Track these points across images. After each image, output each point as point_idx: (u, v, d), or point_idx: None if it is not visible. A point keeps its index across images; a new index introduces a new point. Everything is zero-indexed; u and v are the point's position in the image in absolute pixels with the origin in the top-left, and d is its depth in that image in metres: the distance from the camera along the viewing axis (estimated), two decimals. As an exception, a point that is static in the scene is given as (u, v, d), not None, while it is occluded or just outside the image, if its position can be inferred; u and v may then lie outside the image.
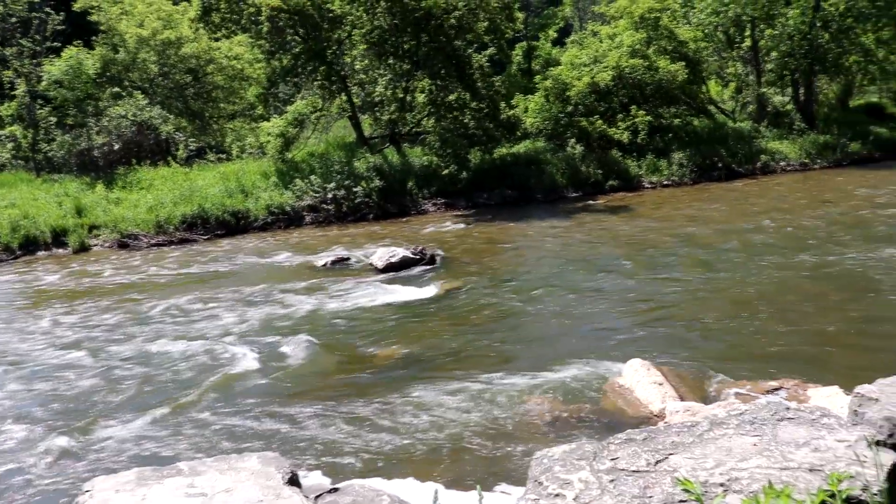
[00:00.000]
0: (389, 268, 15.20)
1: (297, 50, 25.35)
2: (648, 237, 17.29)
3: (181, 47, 31.89)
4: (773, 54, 32.19)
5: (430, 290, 13.54)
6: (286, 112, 26.42)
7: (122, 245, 20.24)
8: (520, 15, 29.24)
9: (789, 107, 33.02)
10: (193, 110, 32.98)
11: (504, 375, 8.99)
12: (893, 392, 3.94)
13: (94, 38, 30.94)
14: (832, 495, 2.53)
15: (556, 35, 45.15)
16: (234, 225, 21.68)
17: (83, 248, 20.12)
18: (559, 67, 30.31)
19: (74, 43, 28.73)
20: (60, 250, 20.10)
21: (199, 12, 26.35)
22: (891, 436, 3.67)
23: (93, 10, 31.02)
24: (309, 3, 24.45)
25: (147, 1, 32.80)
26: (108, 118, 27.31)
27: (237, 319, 12.33)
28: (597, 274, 14.31)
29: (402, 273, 14.97)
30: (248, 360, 10.30)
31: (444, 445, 7.29)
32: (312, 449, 7.41)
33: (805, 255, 14.45)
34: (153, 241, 20.39)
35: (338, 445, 7.45)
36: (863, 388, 4.09)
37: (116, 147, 26.83)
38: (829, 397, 7.39)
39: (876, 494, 2.95)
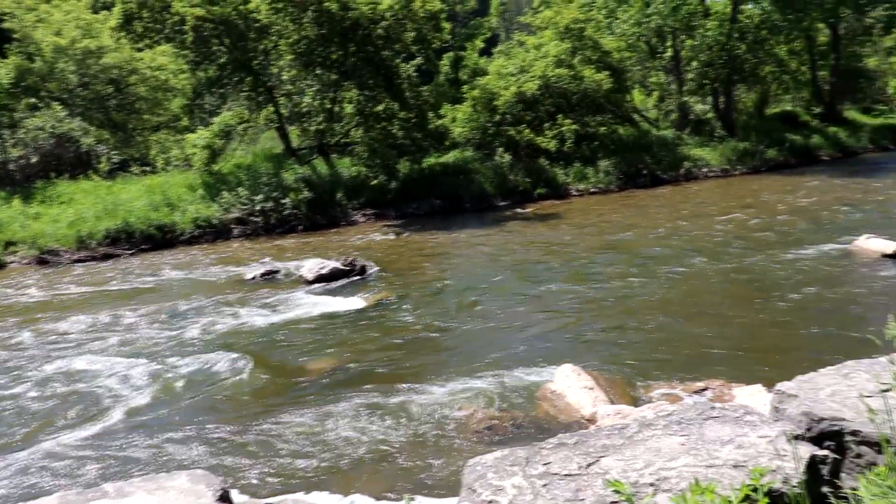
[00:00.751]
0: (320, 279, 15.07)
1: (222, 60, 24.96)
2: (576, 244, 17.56)
3: (102, 57, 31.04)
4: (694, 64, 33.15)
5: (361, 302, 13.48)
6: (212, 123, 25.97)
7: (42, 261, 19.56)
8: (447, 25, 29.37)
9: (710, 115, 34.03)
10: (116, 122, 32.11)
11: (436, 385, 9.00)
12: (811, 388, 4.09)
13: (6, 45, 29.88)
14: (755, 489, 2.61)
15: (483, 45, 45.46)
16: (161, 239, 21.18)
17: (-1, 265, 19.41)
18: (486, 77, 30.59)
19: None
20: (-26, 268, 19.34)
21: (119, 21, 25.67)
22: (809, 430, 3.80)
23: (5, 18, 29.99)
24: (234, 13, 24.13)
25: (64, 9, 31.85)
26: (24, 130, 26.38)
27: (164, 335, 12.05)
28: (526, 282, 14.46)
29: (333, 284, 14.86)
30: (175, 376, 10.08)
31: (377, 457, 7.26)
32: (243, 465, 7.29)
33: (728, 258, 14.90)
34: (75, 257, 19.76)
35: (269, 461, 7.34)
36: (783, 386, 4.23)
37: (34, 160, 25.93)
38: (753, 395, 7.61)
39: (795, 486, 3.06)
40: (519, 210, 23.81)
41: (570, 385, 8.37)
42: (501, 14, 52.57)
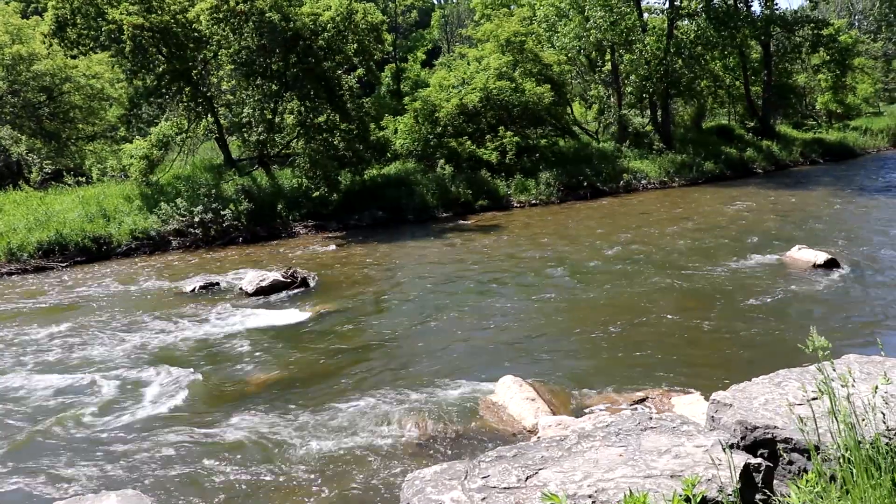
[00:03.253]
0: (260, 292, 14.88)
1: (160, 70, 24.55)
2: (517, 256, 17.67)
3: (33, 64, 30.22)
4: (632, 78, 33.78)
5: (302, 314, 13.34)
6: (150, 133, 25.49)
7: (-31, 275, 18.91)
8: (388, 37, 29.41)
9: (648, 128, 34.69)
10: (48, 131, 31.27)
11: (376, 398, 8.94)
12: (745, 398, 4.16)
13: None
14: (688, 499, 2.64)
15: (424, 57, 45.72)
16: (96, 251, 20.66)
17: (-77, 279, 18.67)
18: (428, 89, 30.72)
19: None
20: None
21: (52, 27, 25.05)
22: (743, 438, 3.87)
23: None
24: (173, 22, 23.77)
25: (-8, 13, 30.99)
26: (-51, 138, 25.56)
27: (98, 350, 11.73)
28: (468, 293, 14.50)
29: (273, 297, 14.68)
30: (108, 392, 9.81)
31: (317, 472, 7.17)
32: (178, 485, 7.12)
33: (666, 268, 15.16)
34: (4, 270, 19.13)
35: (206, 479, 7.18)
36: (718, 395, 4.30)
37: (-39, 170, 25.16)
38: (691, 404, 7.74)
39: (730, 495, 3.10)
40: (461, 222, 23.89)
41: (512, 396, 8.40)
42: (443, 26, 52.94)
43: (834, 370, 3.57)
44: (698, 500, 2.60)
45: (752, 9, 35.73)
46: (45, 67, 30.38)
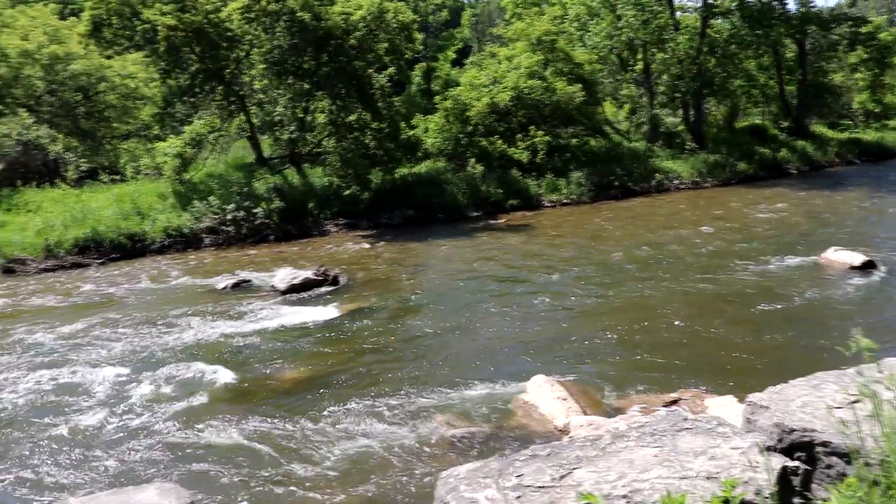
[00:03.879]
0: (291, 290, 14.97)
1: (193, 69, 24.80)
2: (548, 255, 17.61)
3: (70, 63, 30.67)
4: (665, 77, 33.49)
5: (333, 312, 13.41)
6: (183, 132, 25.77)
7: (8, 270, 19.22)
8: (419, 36, 29.44)
9: (681, 127, 34.35)
10: (84, 130, 31.69)
11: (409, 396, 8.97)
12: (782, 400, 4.12)
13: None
14: (727, 501, 2.62)
15: (455, 56, 45.73)
16: (130, 248, 20.93)
17: (-37, 274, 19.03)
18: (458, 88, 30.68)
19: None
20: (-62, 277, 18.95)
21: (88, 28, 25.44)
22: (780, 441, 3.83)
23: (-31, 23, 29.61)
24: (206, 22, 23.99)
25: (30, 14, 31.43)
26: (-11, 137, 26.00)
27: (133, 346, 11.89)
28: (499, 293, 14.48)
29: (305, 295, 14.77)
30: (144, 388, 9.94)
31: (348, 469, 7.21)
32: (213, 478, 7.20)
33: (698, 269, 15.03)
34: (42, 266, 19.45)
35: (239, 474, 7.26)
36: (754, 397, 4.25)
37: (0, 167, 25.57)
38: (725, 406, 7.66)
39: (767, 497, 3.07)
40: (491, 221, 23.86)
41: (544, 396, 8.38)
42: (474, 25, 52.92)
43: (880, 372, 3.52)
44: (737, 502, 2.58)
45: (788, 6, 35.18)
46: (82, 67, 30.83)
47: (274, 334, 12.24)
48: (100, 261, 20.08)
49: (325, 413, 8.60)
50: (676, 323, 11.58)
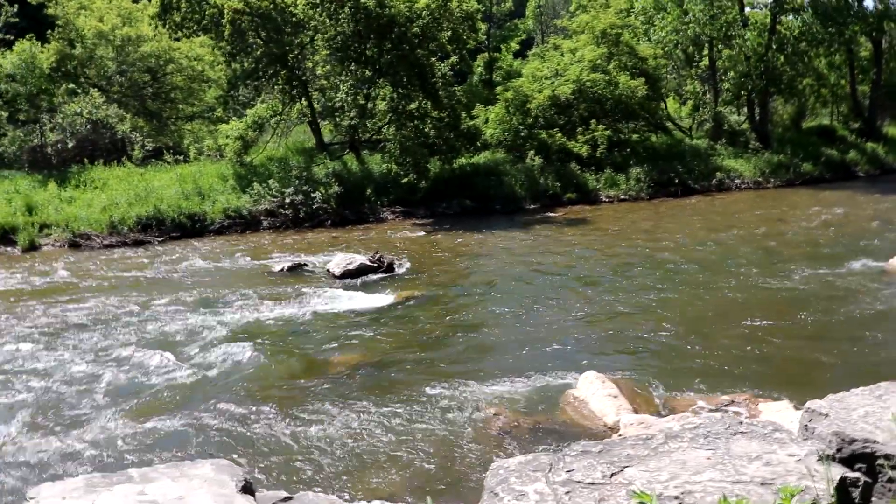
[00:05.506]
0: (346, 275, 15.12)
1: (258, 53, 25.14)
2: (604, 251, 17.46)
3: (140, 45, 31.39)
4: (731, 74, 32.83)
5: (386, 298, 13.50)
6: (246, 115, 26.17)
7: (74, 245, 19.79)
8: (482, 26, 29.41)
9: (745, 126, 33.67)
10: (151, 110, 32.45)
11: (459, 386, 8.98)
12: (842, 408, 4.02)
13: (49, 32, 30.27)
14: (785, 509, 2.57)
15: (517, 47, 45.43)
16: (190, 227, 21.36)
17: (33, 247, 19.62)
18: (520, 79, 30.55)
19: (27, 36, 28.11)
20: (9, 248, 19.57)
21: (158, 10, 25.99)
22: (840, 451, 3.73)
23: (49, 4, 30.39)
24: (271, 7, 24.28)
25: (106, -4, 32.27)
26: (62, 115, 26.75)
27: (191, 324, 12.14)
28: (554, 286, 14.40)
29: (359, 280, 14.91)
30: (200, 366, 10.14)
31: (398, 456, 7.26)
32: (265, 457, 7.32)
33: (757, 271, 14.72)
34: (106, 242, 19.98)
35: (291, 454, 7.37)
36: (813, 404, 4.16)
37: (70, 145, 26.30)
38: (780, 412, 7.52)
39: (826, 508, 3.01)
40: (548, 214, 23.73)
41: (594, 392, 8.32)
42: (537, 17, 52.51)
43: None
44: (796, 510, 2.52)
45: (864, 3, 34.10)
46: (151, 49, 31.51)
47: (327, 318, 12.38)
48: (160, 239, 20.55)
49: (376, 399, 8.67)
50: (732, 325, 11.37)
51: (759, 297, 12.97)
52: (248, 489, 3.72)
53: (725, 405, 8.19)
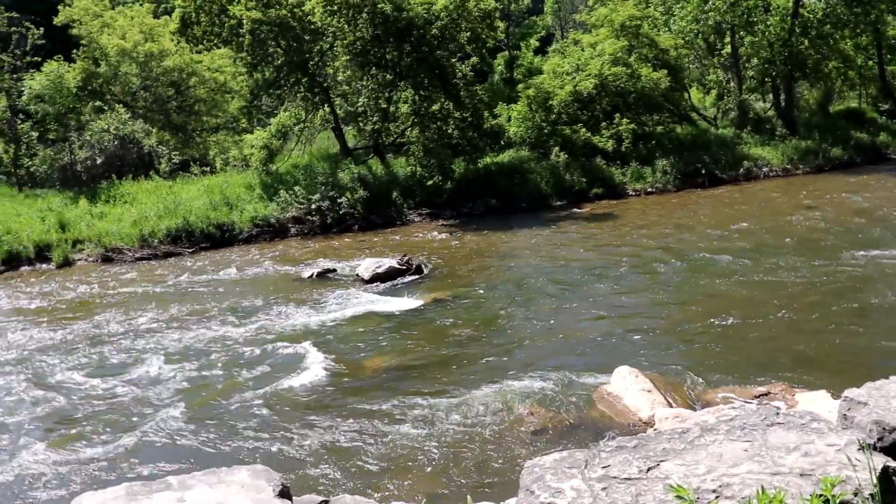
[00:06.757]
0: (376, 278, 15.17)
1: (278, 62, 25.30)
2: (634, 245, 17.35)
3: (163, 60, 31.73)
4: (754, 61, 32.45)
5: (416, 300, 13.53)
6: (270, 124, 26.35)
7: (107, 259, 20.07)
8: (501, 24, 29.28)
9: (771, 113, 33.26)
10: (176, 123, 32.79)
11: (493, 384, 8.98)
12: (882, 396, 3.96)
13: (74, 51, 30.71)
14: (825, 500, 2.53)
15: (537, 44, 45.24)
16: (220, 238, 21.55)
17: (67, 263, 19.92)
18: (541, 76, 30.43)
19: (55, 57, 28.56)
20: (44, 265, 19.89)
21: (178, 25, 26.28)
22: (881, 440, 3.68)
23: (74, 24, 30.84)
24: (290, 15, 24.43)
25: (128, 14, 32.64)
26: (90, 132, 27.15)
27: (224, 333, 12.25)
28: (583, 282, 14.34)
29: (389, 283, 14.95)
30: (233, 372, 10.24)
31: (433, 457, 7.27)
32: (302, 462, 7.37)
33: (789, 260, 14.54)
34: (138, 255, 20.23)
35: (327, 458, 7.41)
36: (852, 392, 4.10)
37: (99, 161, 26.67)
38: (817, 401, 7.42)
39: (868, 498, 2.96)
40: (575, 210, 23.64)
41: (628, 387, 8.27)
42: (556, 12, 52.30)
43: None
44: (837, 501, 2.49)
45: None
46: (173, 63, 31.84)
47: (358, 322, 12.43)
48: (190, 250, 20.74)
49: (409, 400, 8.69)
50: (766, 315, 11.24)
51: (792, 286, 12.81)
52: (285, 494, 3.75)
53: (761, 396, 8.11)
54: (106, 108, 28.87)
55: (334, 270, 16.45)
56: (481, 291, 14.17)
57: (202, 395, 9.45)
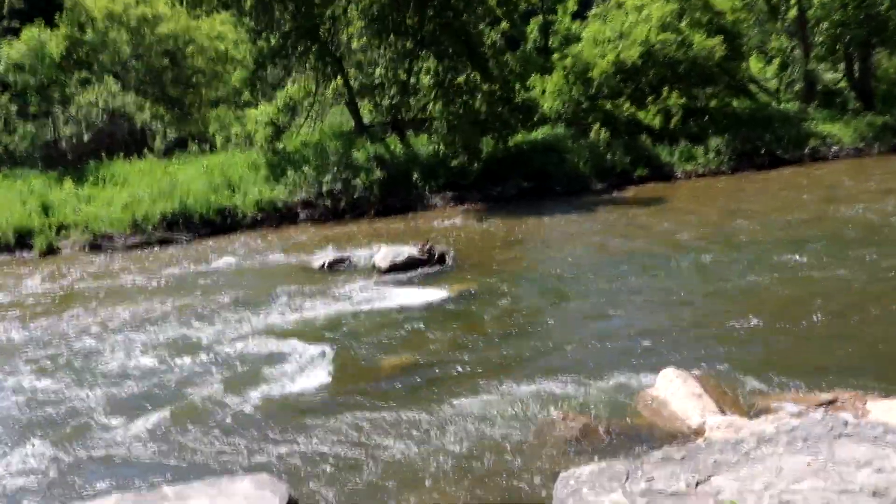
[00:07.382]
0: (394, 268, 15.21)
1: (286, 28, 25.35)
2: (683, 233, 17.24)
3: (157, 26, 31.84)
4: (824, 25, 32.04)
5: (439, 293, 13.53)
6: (276, 98, 26.44)
7: (95, 247, 20.28)
8: (535, -16, 29.24)
9: (842, 84, 32.88)
10: (172, 97, 32.95)
11: (523, 386, 8.98)
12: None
13: (57, 15, 30.78)
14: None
15: (575, 8, 44.97)
16: (221, 223, 21.70)
17: (51, 251, 20.17)
18: (580, 44, 30.30)
19: (35, 21, 28.68)
20: (25, 253, 20.16)
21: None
22: (963, 452, 3.64)
23: (55, -15, 31.04)
24: (299, -25, 24.50)
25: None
26: (76, 106, 27.36)
27: (227, 328, 12.34)
28: (625, 275, 14.27)
29: (409, 274, 14.98)
30: (239, 372, 10.31)
31: (458, 464, 7.28)
32: (312, 470, 7.41)
33: (861, 252, 14.36)
34: (129, 243, 20.42)
35: (341, 465, 7.44)
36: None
37: (86, 138, 26.93)
38: (892, 411, 7.35)
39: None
40: (617, 194, 23.55)
41: (675, 391, 8.23)
42: (598, -29, 51.96)
43: None
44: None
45: None
46: (169, 30, 31.95)
47: (375, 317, 12.46)
48: (188, 237, 20.90)
49: (430, 402, 8.71)
50: (831, 314, 11.12)
51: (865, 283, 12.65)
52: (291, 506, 3.78)
53: (826, 404, 8.04)
54: (93, 79, 29.08)
55: (348, 260, 16.49)
56: (510, 284, 14.15)
57: (200, 396, 9.52)
